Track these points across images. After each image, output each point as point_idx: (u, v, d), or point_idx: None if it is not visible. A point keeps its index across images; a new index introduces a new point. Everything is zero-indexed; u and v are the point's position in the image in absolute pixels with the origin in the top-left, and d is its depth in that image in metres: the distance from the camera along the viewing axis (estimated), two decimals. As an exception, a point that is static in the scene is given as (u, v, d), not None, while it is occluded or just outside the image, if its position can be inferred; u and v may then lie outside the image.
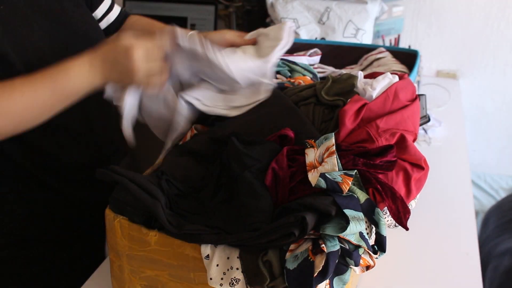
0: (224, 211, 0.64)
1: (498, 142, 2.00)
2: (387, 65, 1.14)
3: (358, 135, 0.72)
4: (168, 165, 0.72)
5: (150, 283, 0.67)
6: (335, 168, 0.61)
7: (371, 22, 1.59)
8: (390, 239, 0.62)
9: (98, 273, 0.83)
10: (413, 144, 0.73)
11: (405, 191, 0.69)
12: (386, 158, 0.63)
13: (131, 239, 0.64)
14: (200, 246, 0.60)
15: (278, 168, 0.63)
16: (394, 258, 0.85)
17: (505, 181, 2.01)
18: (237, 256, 0.58)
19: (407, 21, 1.87)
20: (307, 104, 0.78)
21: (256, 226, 0.58)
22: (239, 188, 0.63)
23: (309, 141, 0.66)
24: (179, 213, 0.64)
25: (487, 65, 1.88)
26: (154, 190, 0.63)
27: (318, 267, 0.52)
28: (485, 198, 1.97)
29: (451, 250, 0.89)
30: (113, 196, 0.65)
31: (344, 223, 0.55)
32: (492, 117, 1.96)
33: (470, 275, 0.83)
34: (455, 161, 1.24)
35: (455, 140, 1.36)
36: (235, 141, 0.68)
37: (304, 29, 1.58)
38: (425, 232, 0.93)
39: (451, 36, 1.87)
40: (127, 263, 0.67)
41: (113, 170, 0.65)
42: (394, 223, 0.78)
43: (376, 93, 0.76)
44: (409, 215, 0.61)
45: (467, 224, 0.97)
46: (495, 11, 1.80)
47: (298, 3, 1.60)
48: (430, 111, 1.42)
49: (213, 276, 0.58)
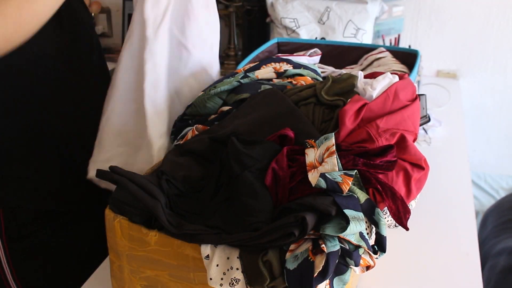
0: (224, 211, 0.64)
1: (498, 142, 2.00)
2: (387, 65, 1.14)
3: (358, 135, 0.72)
4: (168, 165, 0.72)
5: (150, 283, 0.67)
6: (335, 168, 0.61)
7: (371, 22, 1.59)
8: (390, 239, 0.62)
9: (98, 273, 0.83)
10: (413, 144, 0.73)
11: (405, 191, 0.69)
12: (386, 158, 0.63)
13: (131, 239, 0.64)
14: (200, 246, 0.60)
15: (278, 168, 0.63)
16: (394, 258, 0.85)
17: (505, 181, 2.01)
18: (237, 256, 0.58)
19: (407, 21, 1.87)
20: (307, 104, 0.78)
21: (256, 226, 0.58)
22: (239, 188, 0.63)
23: (309, 141, 0.66)
24: (179, 213, 0.64)
25: (487, 65, 1.88)
26: (154, 190, 0.63)
27: (318, 267, 0.52)
28: (485, 198, 1.97)
29: (451, 250, 0.89)
30: (113, 196, 0.65)
31: (344, 223, 0.55)
32: (492, 117, 1.96)
33: (470, 275, 0.83)
34: (455, 161, 1.24)
35: (455, 140, 1.36)
36: (235, 141, 0.68)
37: (304, 29, 1.59)
38: (425, 232, 0.93)
39: (451, 36, 1.87)
40: (127, 263, 0.67)
41: (113, 170, 0.65)
42: (394, 223, 0.78)
43: (376, 93, 0.76)
44: (409, 215, 0.61)
45: (467, 224, 0.97)
46: (495, 11, 1.80)
47: (298, 3, 1.60)
48: (430, 111, 1.42)
49: (213, 276, 0.58)
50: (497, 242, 1.43)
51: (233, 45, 1.95)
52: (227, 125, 0.78)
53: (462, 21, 1.84)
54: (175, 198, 0.66)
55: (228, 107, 0.84)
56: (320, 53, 1.16)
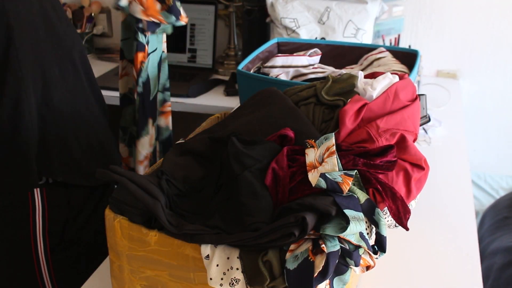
0: (224, 211, 0.64)
1: (498, 142, 2.00)
2: (387, 65, 1.14)
3: (358, 135, 0.72)
4: (168, 165, 0.72)
5: (150, 283, 0.67)
6: (335, 168, 0.61)
7: (371, 22, 1.59)
8: (390, 239, 0.62)
9: (98, 273, 0.83)
10: (413, 144, 0.73)
11: (405, 191, 0.69)
12: (386, 158, 0.63)
13: (131, 239, 0.64)
14: (200, 246, 0.60)
15: (278, 168, 0.63)
16: (394, 258, 0.85)
17: (505, 181, 2.01)
18: (237, 256, 0.58)
19: (407, 21, 1.87)
20: (307, 104, 0.78)
21: (256, 226, 0.58)
22: (239, 188, 0.63)
23: (309, 141, 0.66)
24: (179, 213, 0.64)
25: (487, 65, 1.89)
26: (154, 190, 0.63)
27: (318, 267, 0.52)
28: (485, 198, 1.97)
29: (451, 250, 0.89)
30: (113, 196, 0.65)
31: (344, 223, 0.55)
32: (492, 117, 1.96)
33: (470, 275, 0.83)
34: (455, 161, 1.24)
35: (455, 140, 1.36)
36: (235, 141, 0.68)
37: (304, 29, 1.58)
38: (425, 232, 0.93)
39: (451, 36, 1.87)
40: (127, 263, 0.67)
41: (113, 170, 0.65)
42: (394, 223, 0.78)
43: (376, 93, 0.76)
44: (409, 215, 0.61)
45: (467, 224, 0.97)
46: (495, 11, 1.80)
47: (298, 3, 1.60)
48: (430, 111, 1.42)
49: (213, 276, 0.58)
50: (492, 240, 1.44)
51: (233, 45, 1.95)
52: (227, 125, 0.78)
53: (462, 21, 1.84)
54: (175, 198, 0.66)
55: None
56: (320, 53, 1.16)
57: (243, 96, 1.07)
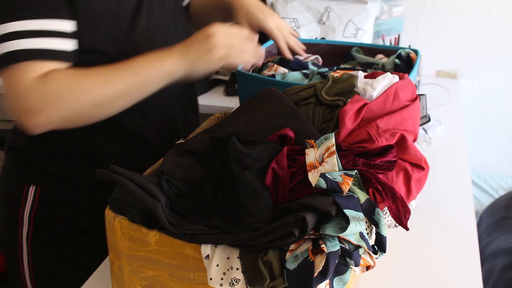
0: (224, 211, 0.64)
1: (498, 142, 2.00)
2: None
3: (358, 135, 0.72)
4: (168, 165, 0.72)
5: (150, 283, 0.67)
6: (335, 168, 0.61)
7: (371, 22, 1.59)
8: (390, 239, 0.62)
9: (98, 273, 0.83)
10: (413, 144, 0.73)
11: (405, 191, 0.69)
12: (386, 158, 0.63)
13: (131, 239, 0.64)
14: (200, 246, 0.60)
15: (278, 168, 0.63)
16: (394, 258, 0.85)
17: (505, 181, 2.01)
18: (237, 256, 0.58)
19: (407, 21, 1.87)
20: (307, 104, 0.78)
21: (256, 226, 0.58)
22: (239, 188, 0.63)
23: (309, 141, 0.66)
24: (179, 213, 0.64)
25: (487, 65, 1.89)
26: (154, 190, 0.63)
27: (318, 267, 0.52)
28: (485, 198, 1.97)
29: (451, 250, 0.89)
30: (113, 196, 0.65)
31: (344, 223, 0.55)
32: (492, 117, 1.96)
33: (470, 275, 0.83)
34: (455, 161, 1.24)
35: (455, 140, 1.36)
36: (235, 141, 0.68)
37: (304, 29, 1.58)
38: (425, 232, 0.93)
39: (451, 36, 1.87)
40: (127, 263, 0.67)
41: (113, 170, 0.65)
42: (394, 223, 0.78)
43: (376, 93, 0.76)
44: (409, 215, 0.61)
45: (467, 224, 0.97)
46: (495, 11, 1.80)
47: (298, 3, 1.60)
48: (430, 111, 1.42)
49: (213, 276, 0.58)
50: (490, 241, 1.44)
51: (233, 45, 1.95)
52: (227, 125, 0.78)
53: (462, 21, 1.84)
54: (175, 198, 0.66)
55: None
56: (321, 62, 1.16)
57: (243, 96, 1.07)
